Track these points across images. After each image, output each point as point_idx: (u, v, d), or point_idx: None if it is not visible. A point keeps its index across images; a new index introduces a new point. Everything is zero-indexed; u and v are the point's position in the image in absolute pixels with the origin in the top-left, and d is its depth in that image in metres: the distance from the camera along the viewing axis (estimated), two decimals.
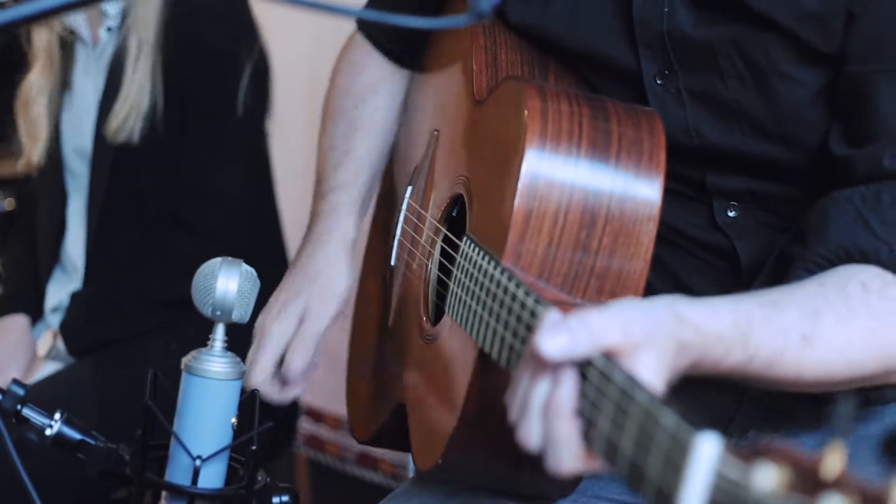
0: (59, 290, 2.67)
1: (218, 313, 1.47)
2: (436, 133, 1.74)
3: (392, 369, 1.75)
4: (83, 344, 2.52)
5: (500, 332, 1.32)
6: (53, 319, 2.65)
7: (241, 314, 1.47)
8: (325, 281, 1.76)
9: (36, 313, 2.67)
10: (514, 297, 1.30)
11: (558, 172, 1.39)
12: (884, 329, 1.30)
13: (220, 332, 1.48)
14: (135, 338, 2.52)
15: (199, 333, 2.49)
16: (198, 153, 2.54)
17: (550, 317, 1.16)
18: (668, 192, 1.56)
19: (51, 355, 2.54)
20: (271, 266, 2.74)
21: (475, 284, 1.41)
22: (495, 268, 1.37)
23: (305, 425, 3.66)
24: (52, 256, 2.68)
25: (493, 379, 1.39)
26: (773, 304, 1.26)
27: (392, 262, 1.81)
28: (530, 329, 1.24)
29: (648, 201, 1.40)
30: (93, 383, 2.45)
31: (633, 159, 1.41)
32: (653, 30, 1.51)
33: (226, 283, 1.46)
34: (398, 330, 1.75)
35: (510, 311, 1.30)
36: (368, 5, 1.89)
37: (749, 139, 1.50)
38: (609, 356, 1.10)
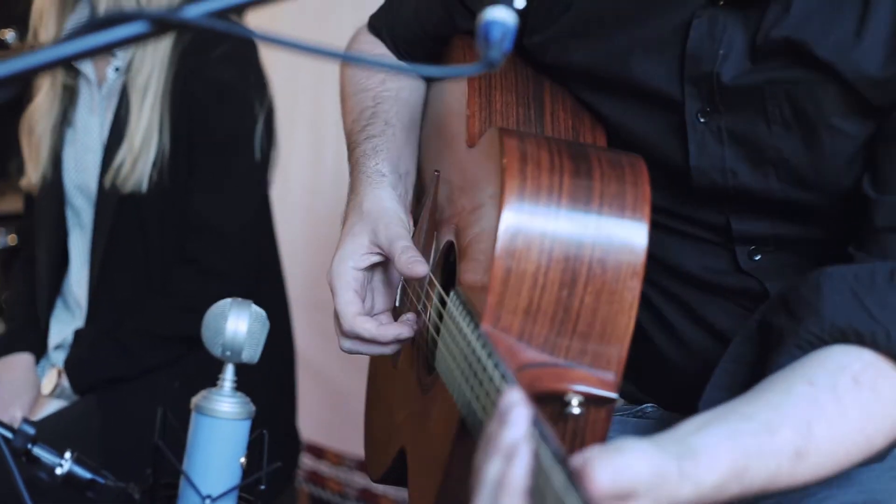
0: (63, 328, 2.67)
1: (228, 353, 1.48)
2: (436, 174, 1.74)
3: (398, 412, 1.74)
4: (88, 382, 2.52)
5: (472, 404, 1.30)
6: (57, 357, 2.65)
7: (250, 354, 1.49)
8: (378, 210, 1.64)
9: (39, 350, 2.67)
10: (484, 369, 1.28)
11: (537, 230, 1.35)
12: (873, 424, 1.30)
13: (229, 373, 1.49)
14: (139, 376, 2.52)
15: (202, 372, 2.50)
16: (207, 193, 2.55)
17: (508, 398, 1.13)
18: (686, 237, 1.57)
19: (55, 393, 2.54)
20: (273, 306, 2.75)
21: (456, 346, 1.40)
22: (473, 332, 1.35)
23: (307, 461, 3.66)
24: (52, 292, 2.68)
25: (473, 444, 1.33)
26: (767, 428, 1.25)
27: (396, 304, 1.82)
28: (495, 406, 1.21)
29: (631, 257, 1.36)
30: (97, 421, 2.45)
31: (615, 214, 1.37)
32: (702, 69, 1.49)
33: (235, 323, 1.48)
34: (404, 373, 1.74)
35: (481, 383, 1.28)
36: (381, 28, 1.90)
37: (785, 185, 1.49)
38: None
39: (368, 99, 1.82)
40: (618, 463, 1.10)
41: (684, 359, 1.62)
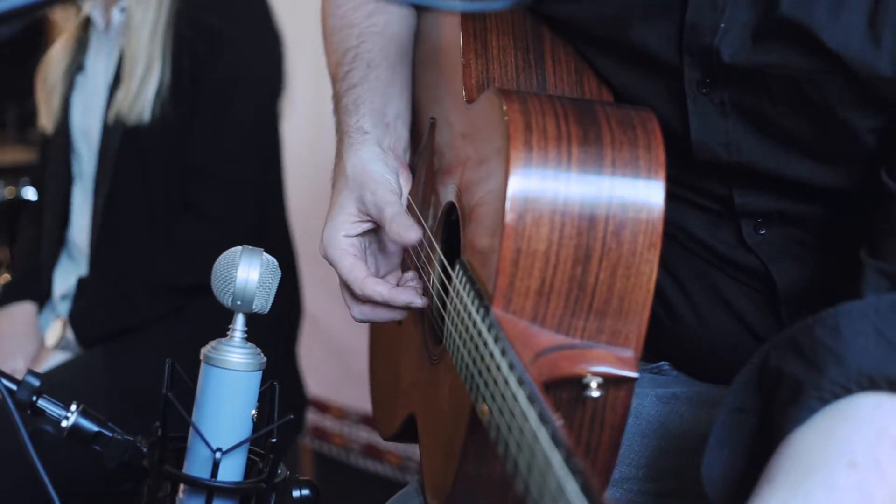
0: (67, 277, 2.65)
1: (238, 303, 1.43)
2: (432, 120, 1.66)
3: (405, 374, 1.69)
4: (93, 334, 2.49)
5: (486, 399, 1.22)
6: (62, 307, 2.62)
7: (261, 304, 1.44)
8: (363, 174, 1.58)
9: (41, 299, 2.64)
10: (498, 368, 1.20)
11: (546, 206, 1.27)
12: None
13: (239, 323, 1.44)
14: (144, 326, 2.49)
15: (208, 321, 2.47)
16: (211, 139, 2.52)
17: None
18: (692, 205, 1.50)
19: (60, 345, 2.52)
20: (276, 255, 2.72)
21: (465, 330, 1.33)
22: (483, 320, 1.27)
23: (311, 416, 3.63)
24: (57, 241, 2.66)
25: (486, 432, 1.28)
26: None
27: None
28: (522, 432, 1.11)
29: (648, 228, 1.28)
30: (103, 373, 2.43)
31: (628, 184, 1.28)
32: (701, 41, 1.40)
33: (247, 272, 1.42)
34: (409, 333, 1.68)
35: (496, 382, 1.20)
36: None
37: (795, 161, 1.40)
38: None
39: (353, 37, 1.72)
40: None
41: (690, 327, 1.57)
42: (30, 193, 3.17)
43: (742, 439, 1.29)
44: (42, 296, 2.65)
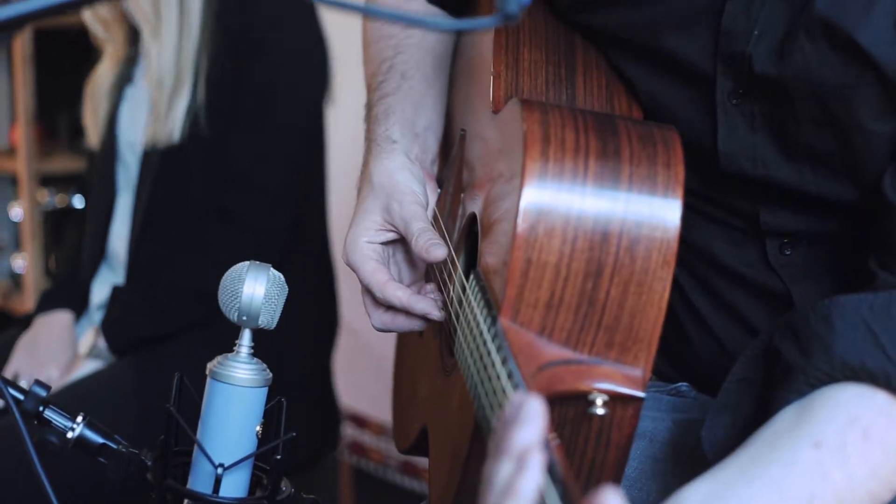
0: (106, 287, 2.67)
1: (244, 318, 1.43)
2: (462, 132, 1.66)
3: (422, 385, 1.69)
4: (123, 342, 2.50)
5: (486, 409, 1.23)
6: (98, 317, 2.64)
7: (267, 320, 1.44)
8: (390, 184, 1.58)
9: (79, 308, 2.66)
10: (498, 377, 1.20)
11: (559, 218, 1.26)
12: (880, 483, 1.22)
13: (246, 338, 1.44)
14: (175, 336, 2.50)
15: (237, 335, 2.48)
16: (249, 145, 2.51)
17: (515, 400, 1.04)
18: (716, 222, 1.48)
19: (92, 354, 2.53)
20: (314, 269, 2.71)
21: (473, 340, 1.32)
22: (489, 329, 1.27)
23: (349, 431, 3.63)
24: (98, 251, 2.67)
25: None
26: None
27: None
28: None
29: (662, 246, 1.26)
30: (132, 384, 2.44)
31: (644, 200, 1.27)
32: (735, 48, 1.38)
33: (252, 287, 1.42)
34: (428, 344, 1.68)
35: (494, 392, 1.20)
36: None
37: (819, 179, 1.39)
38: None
39: (389, 48, 1.71)
40: None
41: (712, 346, 1.55)
42: (79, 202, 3.21)
43: (744, 407, 1.33)
44: (80, 305, 2.66)
